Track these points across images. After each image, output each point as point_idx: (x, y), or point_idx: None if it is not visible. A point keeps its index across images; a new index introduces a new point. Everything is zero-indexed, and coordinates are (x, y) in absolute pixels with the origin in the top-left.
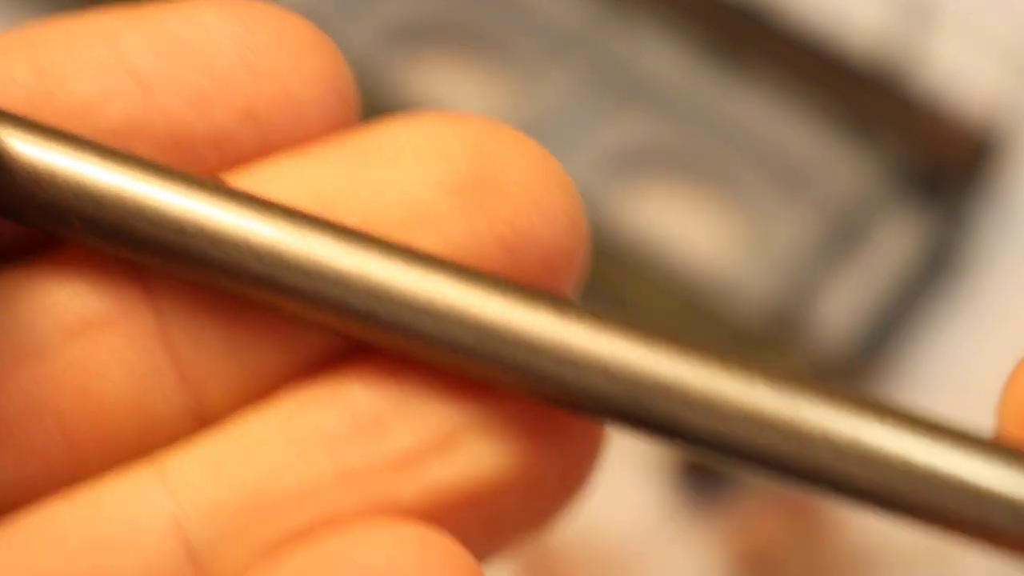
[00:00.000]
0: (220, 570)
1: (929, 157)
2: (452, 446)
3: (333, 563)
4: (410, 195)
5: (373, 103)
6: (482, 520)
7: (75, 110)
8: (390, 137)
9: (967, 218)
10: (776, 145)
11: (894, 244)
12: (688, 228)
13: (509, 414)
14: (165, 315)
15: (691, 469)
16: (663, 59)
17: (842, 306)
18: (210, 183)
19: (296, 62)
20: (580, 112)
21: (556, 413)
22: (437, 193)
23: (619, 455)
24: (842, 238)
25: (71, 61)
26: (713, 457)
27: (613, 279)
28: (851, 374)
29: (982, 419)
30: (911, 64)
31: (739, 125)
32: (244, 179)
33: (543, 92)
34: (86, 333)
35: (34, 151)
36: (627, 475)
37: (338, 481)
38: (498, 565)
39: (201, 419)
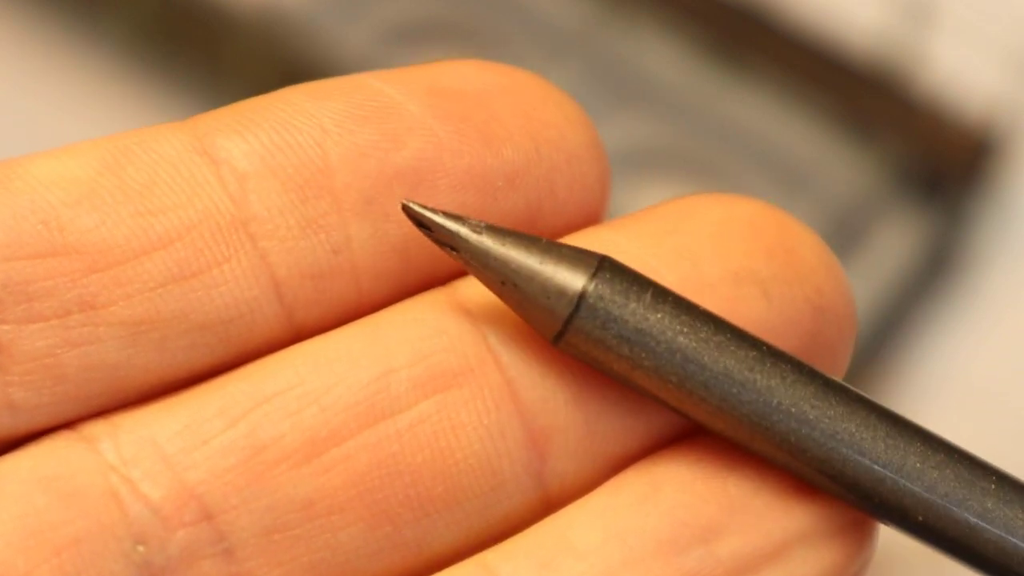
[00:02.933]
0: None
1: (929, 157)
2: (785, 553)
3: None
4: (732, 258)
5: None
6: None
7: (365, 153)
8: (684, 212)
9: (967, 218)
10: (776, 145)
11: (894, 244)
12: None
13: (832, 519)
14: (509, 370)
15: None
16: (663, 59)
17: None
18: None
19: (558, 109)
20: None
21: (863, 516)
22: (756, 259)
23: None
24: (842, 238)
25: (349, 109)
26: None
27: None
28: (851, 374)
29: (982, 419)
30: (911, 64)
31: (739, 125)
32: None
33: None
34: (436, 389)
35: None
36: None
37: None
38: None
39: (542, 483)
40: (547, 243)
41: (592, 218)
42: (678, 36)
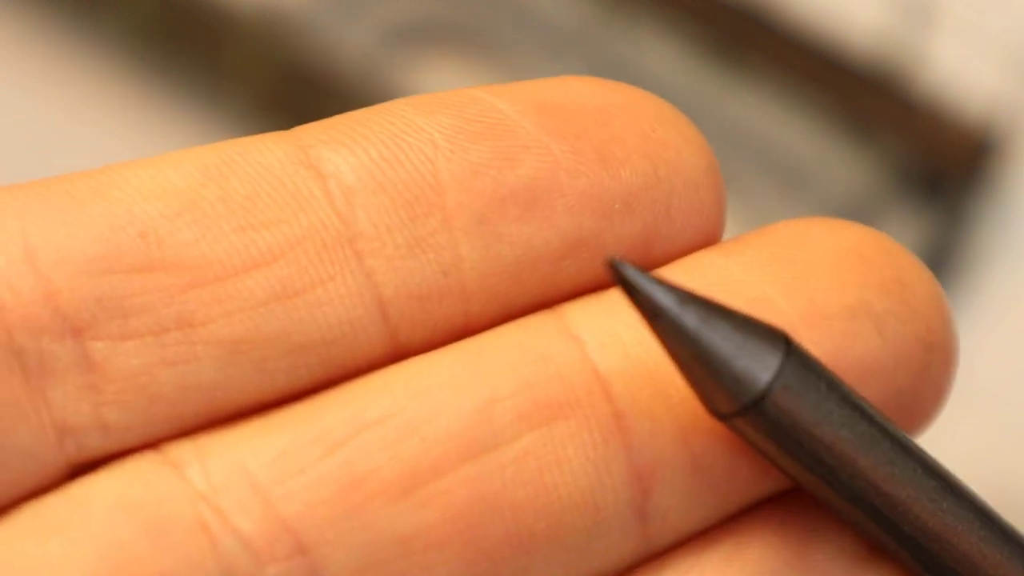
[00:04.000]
0: None
1: (929, 157)
2: None
3: None
4: (846, 292)
5: (373, 103)
6: None
7: (478, 170)
8: (796, 238)
9: (967, 218)
10: (776, 145)
11: None
12: None
13: None
14: (618, 401)
15: None
16: (663, 59)
17: None
18: None
19: (676, 130)
20: None
21: None
22: (871, 292)
23: None
24: None
25: (461, 124)
26: None
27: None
28: None
29: (982, 419)
30: (911, 64)
31: (739, 125)
32: (668, 271)
33: None
34: (541, 422)
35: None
36: None
37: None
38: None
39: (643, 520)
40: (742, 319)
41: (708, 243)
42: (678, 36)
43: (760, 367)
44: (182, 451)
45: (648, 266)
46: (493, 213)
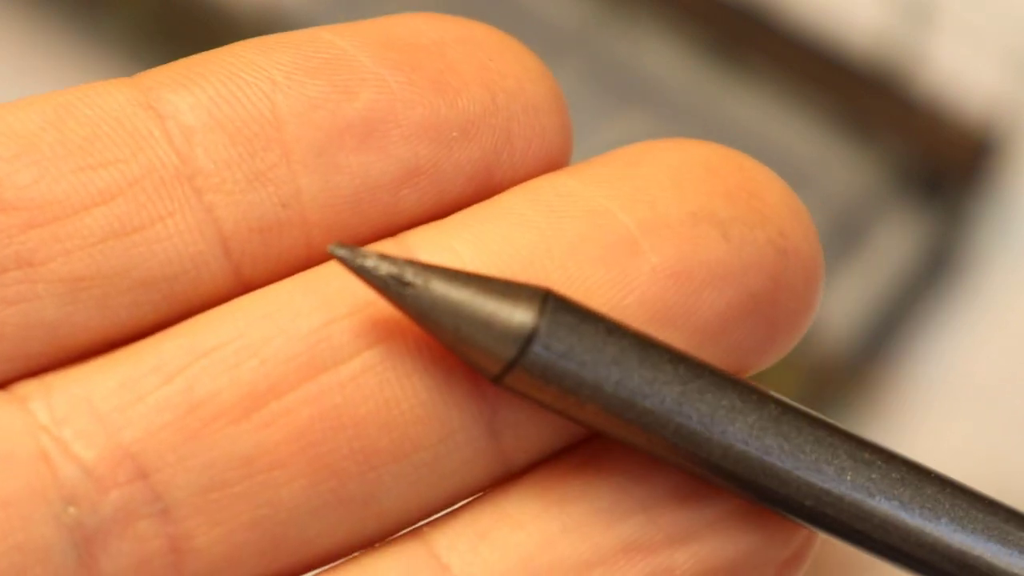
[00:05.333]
0: None
1: (929, 157)
2: (717, 527)
3: None
4: (689, 200)
5: None
6: None
7: (315, 104)
8: (642, 157)
9: (967, 218)
10: (776, 145)
11: (894, 244)
12: None
13: (741, 510)
14: None
15: None
16: (663, 59)
17: (842, 306)
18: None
19: (516, 59)
20: (580, 112)
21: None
22: (715, 200)
23: None
24: (842, 238)
25: (299, 62)
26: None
27: None
28: (851, 374)
29: (982, 419)
30: (911, 64)
31: (739, 125)
32: (506, 199)
33: None
34: (378, 340)
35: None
36: None
37: (619, 552)
38: None
39: (494, 436)
40: (492, 282)
41: (553, 167)
42: (678, 36)
43: (515, 323)
44: (27, 388)
45: (490, 192)
46: (331, 145)
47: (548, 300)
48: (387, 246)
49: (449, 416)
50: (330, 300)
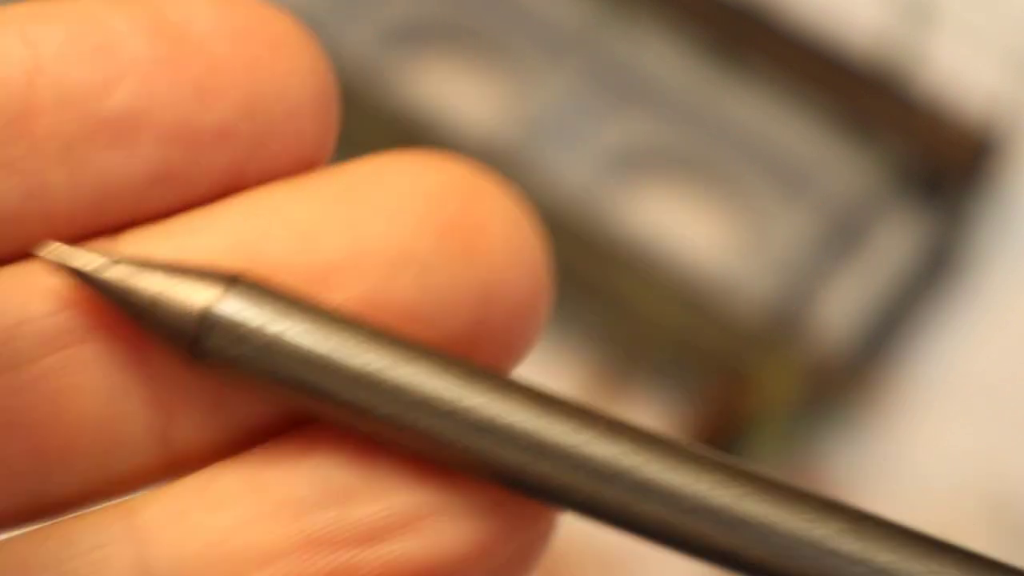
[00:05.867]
0: None
1: (929, 157)
2: (416, 523)
3: None
4: (394, 235)
5: (373, 103)
6: None
7: (74, 96)
8: (372, 175)
9: (967, 218)
10: (776, 145)
11: (894, 244)
12: (688, 228)
13: (471, 497)
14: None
15: None
16: (663, 59)
17: (842, 306)
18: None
19: (288, 57)
20: (580, 112)
21: (514, 497)
22: (423, 240)
23: None
24: (842, 238)
25: (69, 43)
26: (670, 550)
27: (613, 279)
28: (851, 374)
29: (982, 419)
30: (911, 64)
31: (739, 125)
32: (224, 209)
33: (543, 92)
34: (62, 345)
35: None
36: None
37: (303, 546)
38: None
39: (167, 449)
40: (182, 268)
41: (307, 169)
42: (678, 36)
43: (199, 301)
44: None
45: (238, 192)
46: (83, 141)
47: (236, 281)
48: (104, 244)
49: (121, 428)
50: (28, 301)
